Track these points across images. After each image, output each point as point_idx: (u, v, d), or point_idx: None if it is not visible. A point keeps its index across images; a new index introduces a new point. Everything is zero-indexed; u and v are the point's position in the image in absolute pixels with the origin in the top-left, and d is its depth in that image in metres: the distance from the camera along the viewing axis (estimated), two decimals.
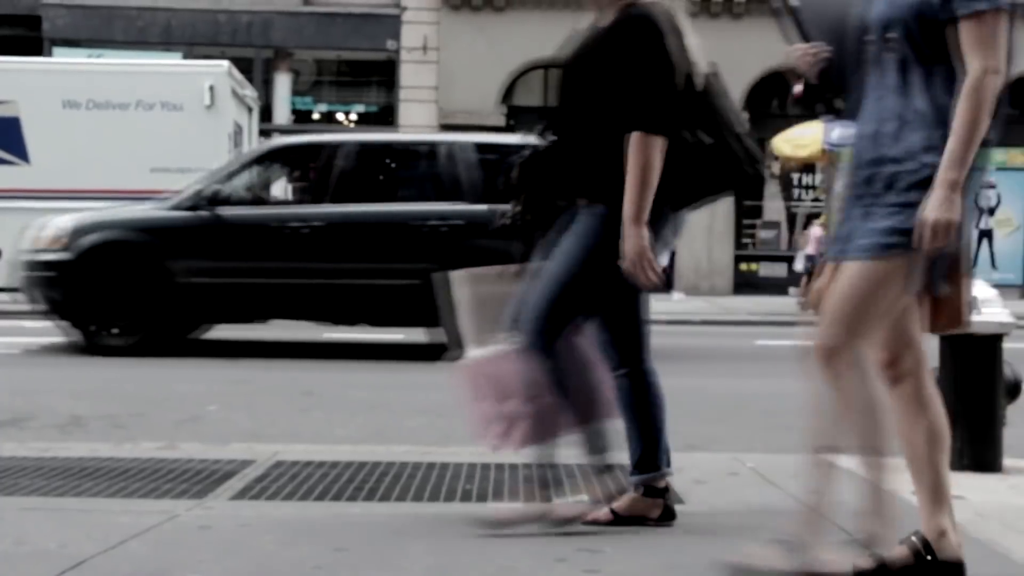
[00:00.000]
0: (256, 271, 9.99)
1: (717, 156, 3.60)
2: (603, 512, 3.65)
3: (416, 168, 10.96)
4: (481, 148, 10.45)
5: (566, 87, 3.71)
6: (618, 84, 3.52)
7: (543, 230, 3.67)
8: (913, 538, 3.06)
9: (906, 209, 2.86)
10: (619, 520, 3.62)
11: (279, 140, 10.91)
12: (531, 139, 3.83)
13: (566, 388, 3.60)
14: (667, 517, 3.68)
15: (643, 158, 3.46)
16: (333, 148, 10.57)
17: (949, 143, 2.83)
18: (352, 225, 10.04)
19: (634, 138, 3.47)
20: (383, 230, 10.07)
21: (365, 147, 10.90)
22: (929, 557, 3.02)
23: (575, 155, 3.61)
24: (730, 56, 23.66)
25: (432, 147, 10.79)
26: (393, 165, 11.22)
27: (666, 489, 3.71)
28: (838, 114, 3.31)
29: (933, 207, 2.81)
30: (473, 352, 3.84)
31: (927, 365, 3.12)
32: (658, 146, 3.47)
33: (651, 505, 3.67)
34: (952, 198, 2.80)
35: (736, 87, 23.36)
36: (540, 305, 3.55)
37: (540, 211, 3.66)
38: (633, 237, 3.46)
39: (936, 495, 3.08)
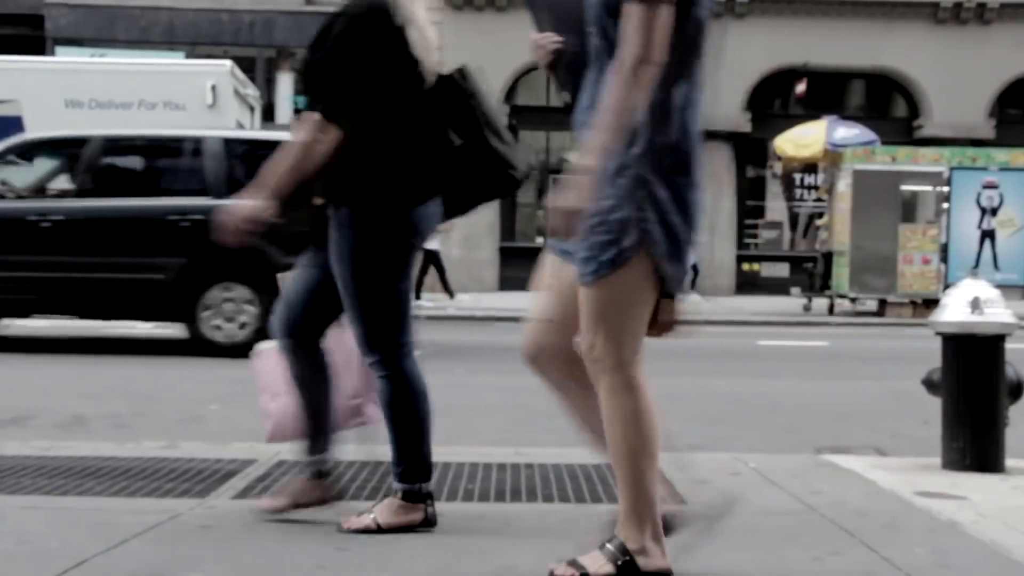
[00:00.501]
0: None
1: (476, 158, 3.58)
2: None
3: (165, 163, 11.03)
4: (229, 143, 10.52)
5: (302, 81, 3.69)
6: (338, 74, 3.47)
7: (309, 230, 3.64)
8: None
9: (605, 216, 2.79)
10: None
11: (34, 134, 11.04)
12: (286, 135, 3.80)
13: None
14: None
15: (307, 140, 3.45)
16: (83, 142, 10.64)
17: (596, 124, 2.75)
18: (96, 220, 10.10)
19: (307, 119, 3.46)
20: (127, 225, 10.15)
21: (114, 141, 10.94)
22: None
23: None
24: (733, 55, 23.73)
25: (180, 142, 10.87)
26: (143, 160, 11.26)
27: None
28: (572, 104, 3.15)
29: (559, 193, 2.74)
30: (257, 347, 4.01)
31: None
32: (328, 135, 3.45)
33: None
34: (580, 184, 2.72)
35: (739, 87, 23.37)
36: (359, 331, 3.56)
37: (297, 213, 3.63)
38: (254, 202, 3.46)
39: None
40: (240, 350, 9.60)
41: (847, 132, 19.43)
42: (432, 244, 18.45)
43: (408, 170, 3.51)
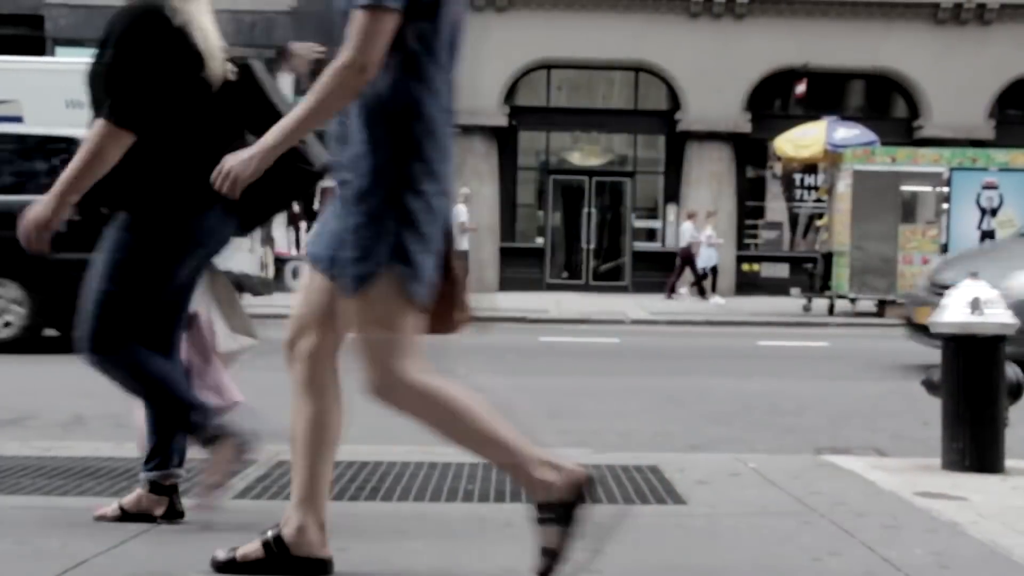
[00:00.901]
0: None
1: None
2: (111, 508, 3.62)
3: None
4: (3, 139, 10.86)
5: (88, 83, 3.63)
6: (122, 78, 3.47)
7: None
8: (269, 532, 2.99)
9: (357, 233, 2.79)
10: (126, 516, 3.58)
11: None
12: (80, 132, 3.76)
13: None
14: (172, 516, 3.63)
15: (97, 145, 3.42)
16: None
17: (295, 110, 2.80)
18: None
19: (97, 124, 3.44)
20: None
21: None
22: (279, 552, 2.96)
23: None
24: (733, 56, 23.74)
25: None
26: None
27: (174, 488, 3.66)
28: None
29: (238, 159, 2.83)
30: None
31: (332, 355, 3.02)
32: (119, 140, 3.42)
33: (156, 502, 3.63)
34: (257, 157, 2.82)
35: (739, 87, 23.39)
36: (87, 320, 3.55)
37: (93, 215, 3.60)
38: (44, 206, 3.40)
39: (307, 489, 3.00)
40: (7, 347, 10.05)
41: (847, 132, 19.44)
42: (463, 245, 18.56)
43: (192, 176, 3.43)
